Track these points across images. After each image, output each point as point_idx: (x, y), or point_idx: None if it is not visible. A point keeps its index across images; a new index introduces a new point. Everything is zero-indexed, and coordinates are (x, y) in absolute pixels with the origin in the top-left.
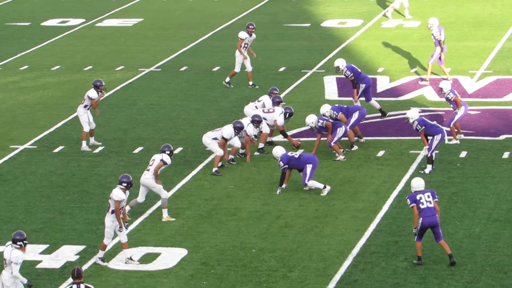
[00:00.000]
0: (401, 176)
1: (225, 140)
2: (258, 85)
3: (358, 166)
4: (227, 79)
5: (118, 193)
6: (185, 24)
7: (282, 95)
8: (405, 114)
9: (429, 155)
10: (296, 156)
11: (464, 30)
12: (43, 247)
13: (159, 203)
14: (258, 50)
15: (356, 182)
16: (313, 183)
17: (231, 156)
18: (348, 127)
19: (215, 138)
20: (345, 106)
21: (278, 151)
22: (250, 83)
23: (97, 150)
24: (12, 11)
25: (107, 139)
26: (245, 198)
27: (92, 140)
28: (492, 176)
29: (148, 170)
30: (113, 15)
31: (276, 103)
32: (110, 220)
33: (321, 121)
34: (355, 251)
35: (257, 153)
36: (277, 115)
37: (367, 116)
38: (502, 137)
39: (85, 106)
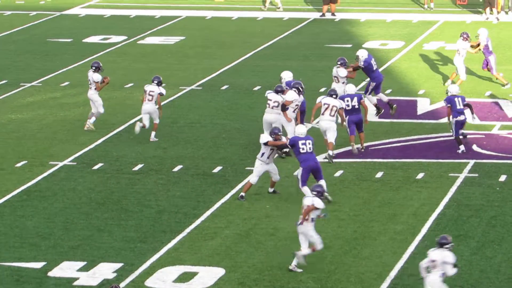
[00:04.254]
0: (440, 199)
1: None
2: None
3: (397, 188)
4: None
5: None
6: (226, 43)
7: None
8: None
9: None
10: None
11: (506, 53)
12: (81, 264)
13: (197, 222)
14: (299, 70)
15: (395, 204)
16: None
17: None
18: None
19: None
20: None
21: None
22: None
23: (136, 168)
24: (54, 27)
25: (147, 156)
26: (284, 218)
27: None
28: None
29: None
30: (155, 32)
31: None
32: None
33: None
34: (393, 273)
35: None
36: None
37: (407, 137)
38: None
39: (95, 89)
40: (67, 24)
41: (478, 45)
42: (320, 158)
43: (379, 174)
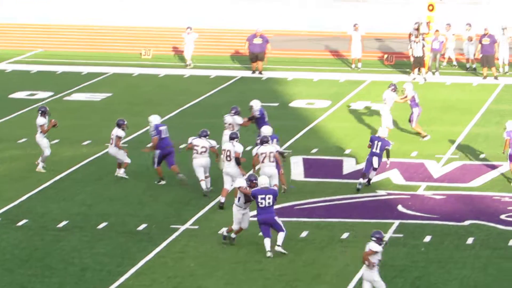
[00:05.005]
0: None
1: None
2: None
3: (322, 247)
4: None
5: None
6: (153, 100)
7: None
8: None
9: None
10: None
11: (432, 114)
12: None
13: (121, 279)
14: (220, 128)
15: (319, 264)
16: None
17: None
18: None
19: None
20: None
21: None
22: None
23: (61, 225)
24: None
25: (71, 213)
26: (208, 277)
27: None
28: (455, 262)
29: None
30: (82, 89)
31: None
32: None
33: None
34: None
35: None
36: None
37: (332, 197)
38: (466, 222)
39: (41, 133)
40: None
41: (406, 96)
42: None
43: (304, 234)
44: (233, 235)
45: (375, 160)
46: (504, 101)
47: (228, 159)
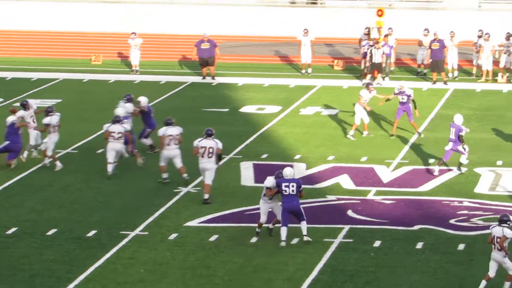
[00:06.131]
0: (315, 264)
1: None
2: (173, 169)
3: (272, 253)
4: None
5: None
6: (104, 106)
7: (198, 180)
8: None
9: None
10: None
11: (382, 119)
12: None
13: (70, 286)
14: None
15: (270, 269)
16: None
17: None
18: None
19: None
20: None
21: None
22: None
23: (10, 231)
24: None
25: (20, 220)
26: (158, 282)
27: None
28: (405, 266)
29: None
30: (32, 95)
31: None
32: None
33: None
34: None
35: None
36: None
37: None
38: (416, 227)
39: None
40: None
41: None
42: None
43: (254, 239)
44: (270, 226)
45: (449, 145)
46: (454, 106)
47: (210, 155)
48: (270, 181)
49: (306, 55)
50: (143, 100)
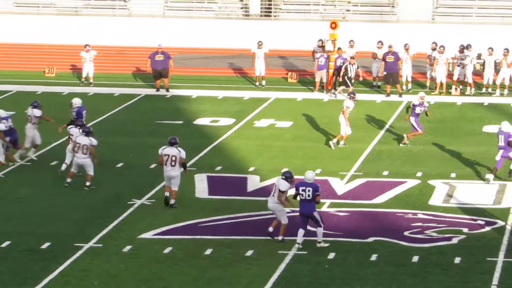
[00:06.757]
0: (269, 276)
1: None
2: (127, 181)
3: (226, 265)
4: None
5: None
6: (57, 118)
7: (152, 192)
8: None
9: None
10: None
11: (333, 131)
12: None
13: None
14: (130, 146)
15: (224, 282)
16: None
17: None
18: None
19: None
20: None
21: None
22: None
23: None
24: None
25: None
26: None
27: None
28: (359, 278)
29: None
30: None
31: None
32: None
33: None
34: None
35: None
36: None
37: (237, 215)
38: (370, 239)
39: (33, 124)
40: None
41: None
42: None
43: (208, 251)
44: (270, 229)
45: (499, 153)
46: None
47: (173, 164)
48: (283, 184)
49: (260, 68)
50: (75, 101)
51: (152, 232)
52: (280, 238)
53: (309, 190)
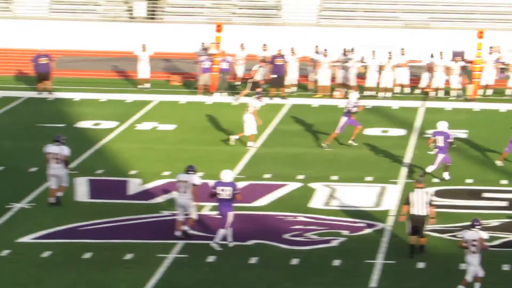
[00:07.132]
0: (149, 279)
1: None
2: (6, 185)
3: (106, 269)
4: None
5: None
6: None
7: (32, 195)
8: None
9: None
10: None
11: (219, 134)
12: None
13: None
14: (10, 150)
15: (104, 285)
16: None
17: None
18: None
19: None
20: None
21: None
22: None
23: None
24: None
25: None
26: None
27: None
28: (239, 281)
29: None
30: None
31: None
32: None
33: None
34: None
35: None
36: None
37: (116, 218)
38: (250, 242)
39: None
40: None
41: None
42: None
43: (88, 255)
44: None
45: (439, 156)
46: (291, 121)
47: (58, 161)
48: (195, 178)
49: (144, 70)
50: None
51: (31, 236)
52: (186, 228)
53: (228, 190)
